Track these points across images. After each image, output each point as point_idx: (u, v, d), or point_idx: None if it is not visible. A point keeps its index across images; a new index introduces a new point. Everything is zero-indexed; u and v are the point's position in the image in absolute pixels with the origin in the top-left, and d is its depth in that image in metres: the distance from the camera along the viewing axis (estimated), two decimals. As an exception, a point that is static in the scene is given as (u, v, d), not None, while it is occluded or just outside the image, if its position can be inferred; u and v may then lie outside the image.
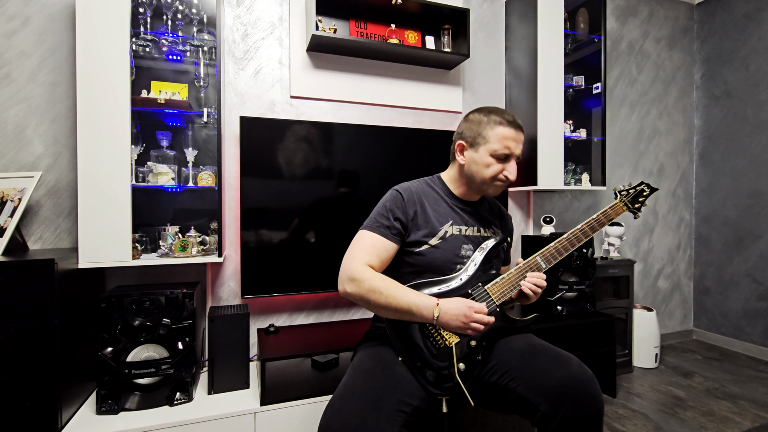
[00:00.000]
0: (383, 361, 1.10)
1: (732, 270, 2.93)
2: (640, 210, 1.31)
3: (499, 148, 1.16)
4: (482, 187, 1.22)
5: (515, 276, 1.17)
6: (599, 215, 1.25)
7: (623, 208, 1.29)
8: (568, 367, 1.04)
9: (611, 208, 1.26)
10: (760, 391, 2.26)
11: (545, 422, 1.00)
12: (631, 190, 1.31)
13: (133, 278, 1.77)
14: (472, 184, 1.24)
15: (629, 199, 1.30)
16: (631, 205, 1.30)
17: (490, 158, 1.17)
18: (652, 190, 1.31)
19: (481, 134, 1.19)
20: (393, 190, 1.24)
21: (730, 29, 2.96)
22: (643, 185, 1.31)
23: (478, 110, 1.24)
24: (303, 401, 1.52)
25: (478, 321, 1.05)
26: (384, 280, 1.08)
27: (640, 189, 1.31)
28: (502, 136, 1.17)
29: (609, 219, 1.25)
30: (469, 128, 1.22)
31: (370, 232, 1.16)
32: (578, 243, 1.22)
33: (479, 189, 1.24)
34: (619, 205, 1.28)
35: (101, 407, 1.40)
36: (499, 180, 1.19)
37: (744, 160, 2.87)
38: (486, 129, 1.18)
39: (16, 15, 1.63)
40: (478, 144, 1.19)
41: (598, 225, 1.24)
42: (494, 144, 1.17)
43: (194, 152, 1.71)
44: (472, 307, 1.06)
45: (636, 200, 1.30)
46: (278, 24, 2.01)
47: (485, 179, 1.19)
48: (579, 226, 1.23)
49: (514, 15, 2.42)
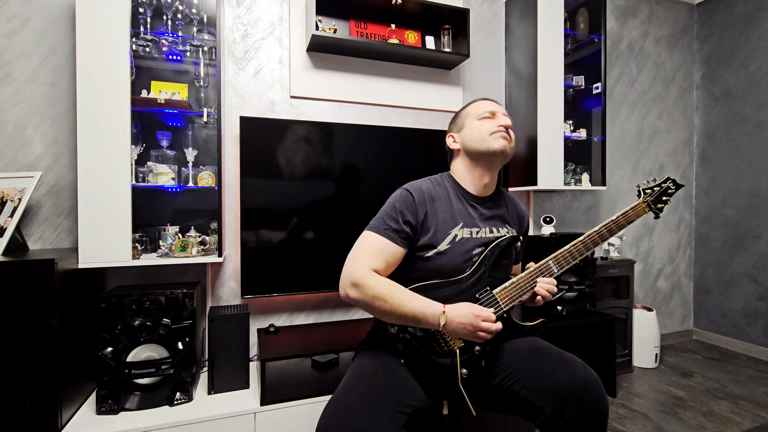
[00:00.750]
0: (384, 362, 1.09)
1: (732, 270, 2.93)
2: (662, 210, 1.19)
3: (482, 112, 1.23)
4: (483, 147, 1.18)
5: (525, 281, 1.13)
6: (619, 217, 1.16)
7: (646, 209, 1.18)
8: (573, 370, 1.02)
9: (632, 210, 1.16)
10: (760, 391, 2.26)
11: (549, 425, 0.99)
12: (655, 187, 1.19)
13: (133, 278, 1.77)
14: (476, 156, 1.20)
15: (653, 198, 1.18)
16: (653, 206, 1.19)
17: (479, 121, 1.22)
18: (677, 186, 1.18)
19: (462, 116, 1.28)
20: (403, 190, 1.17)
21: (730, 29, 2.96)
22: (669, 182, 1.18)
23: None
24: (303, 401, 1.52)
25: (486, 330, 1.02)
26: (389, 286, 1.04)
27: (665, 186, 1.18)
28: (479, 105, 1.26)
29: (629, 221, 1.16)
30: (453, 122, 1.32)
31: (378, 234, 1.10)
32: (594, 246, 1.16)
33: (484, 155, 1.19)
34: (641, 206, 1.17)
35: (101, 407, 1.40)
36: (497, 130, 1.18)
37: (744, 160, 2.87)
38: (466, 109, 1.28)
39: (16, 15, 1.63)
40: (464, 124, 1.26)
41: (617, 228, 1.16)
42: (476, 112, 1.24)
43: (194, 152, 1.71)
44: (479, 316, 1.02)
45: (659, 200, 1.18)
46: (278, 24, 2.01)
47: (483, 136, 1.19)
48: (596, 228, 1.16)
49: (514, 15, 2.42)
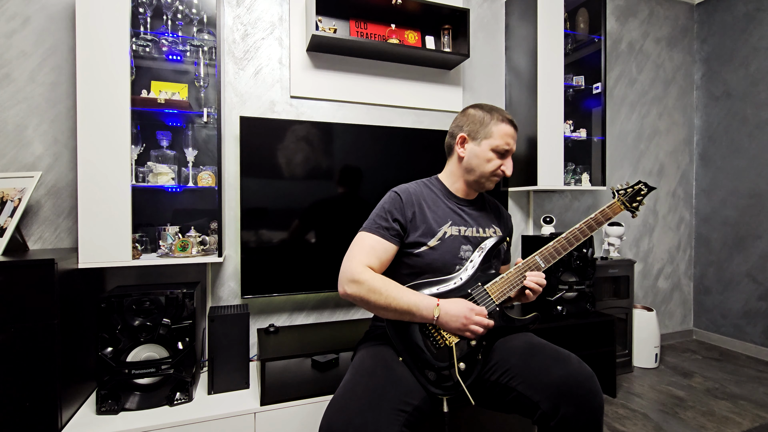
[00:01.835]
0: (384, 360, 1.10)
1: (732, 270, 2.93)
2: (637, 209, 1.32)
3: (501, 144, 1.22)
4: (480, 180, 1.25)
5: (514, 276, 1.17)
6: (597, 214, 1.26)
7: (621, 207, 1.30)
8: (568, 365, 1.04)
9: (609, 207, 1.27)
10: (760, 391, 2.26)
11: (545, 420, 1.00)
12: (628, 189, 1.32)
13: (133, 278, 1.77)
14: (470, 178, 1.26)
15: (627, 198, 1.31)
16: (628, 204, 1.31)
17: (491, 153, 1.22)
18: (649, 189, 1.32)
19: (484, 129, 1.23)
20: (391, 192, 1.25)
21: (730, 29, 2.96)
22: (641, 184, 1.32)
23: (478, 106, 1.28)
24: (303, 401, 1.51)
25: (478, 323, 1.06)
26: (384, 281, 1.09)
27: (637, 188, 1.32)
28: (504, 133, 1.23)
29: (607, 218, 1.26)
30: (469, 123, 1.26)
31: (369, 233, 1.17)
32: (576, 242, 1.24)
33: (477, 183, 1.27)
34: (616, 204, 1.30)
35: (101, 407, 1.40)
36: (497, 175, 1.25)
37: (744, 160, 2.87)
38: (490, 125, 1.23)
39: (16, 15, 1.63)
40: (482, 138, 1.23)
41: (597, 224, 1.26)
42: (497, 140, 1.22)
43: (194, 152, 1.71)
44: (473, 310, 1.07)
45: (634, 199, 1.31)
46: (278, 24, 2.01)
47: (485, 173, 1.24)
48: (577, 225, 1.25)
49: (514, 15, 2.42)
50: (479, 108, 1.27)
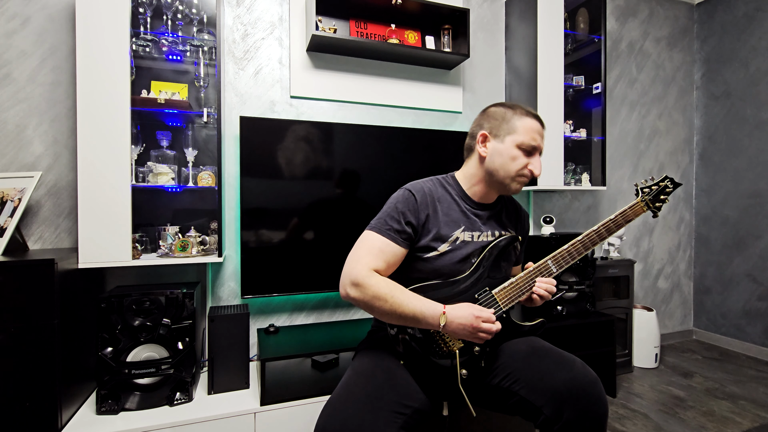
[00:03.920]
0: (384, 363, 1.08)
1: (732, 270, 2.93)
2: (660, 209, 1.19)
3: (527, 140, 1.12)
4: (504, 182, 1.14)
5: (524, 281, 1.13)
6: (617, 216, 1.16)
7: (644, 208, 1.18)
8: (572, 370, 1.02)
9: (630, 209, 1.17)
10: (760, 391, 2.26)
11: (548, 425, 0.99)
12: (653, 186, 1.19)
13: (133, 278, 1.77)
14: (492, 180, 1.16)
15: (651, 197, 1.18)
16: (651, 205, 1.19)
17: (517, 150, 1.12)
18: (675, 185, 1.19)
19: (507, 125, 1.13)
20: (405, 190, 1.15)
21: (730, 29, 2.96)
22: (667, 180, 1.19)
23: (498, 104, 1.20)
24: (303, 401, 1.52)
25: (486, 330, 1.01)
26: (389, 286, 1.03)
27: (663, 185, 1.18)
28: (530, 127, 1.12)
29: (627, 220, 1.17)
30: (491, 120, 1.17)
31: (379, 234, 1.08)
32: (593, 246, 1.15)
33: (500, 185, 1.16)
34: (639, 205, 1.18)
35: (101, 407, 1.40)
36: (523, 175, 1.13)
37: (744, 160, 2.87)
38: (514, 120, 1.13)
39: (16, 15, 1.63)
40: (505, 134, 1.13)
41: (616, 227, 1.16)
42: (522, 135, 1.12)
43: (194, 152, 1.71)
44: (479, 317, 1.01)
45: (657, 198, 1.19)
46: (278, 24, 2.01)
47: (510, 173, 1.13)
48: (595, 228, 1.16)
49: (514, 15, 2.42)
50: (500, 105, 1.19)
